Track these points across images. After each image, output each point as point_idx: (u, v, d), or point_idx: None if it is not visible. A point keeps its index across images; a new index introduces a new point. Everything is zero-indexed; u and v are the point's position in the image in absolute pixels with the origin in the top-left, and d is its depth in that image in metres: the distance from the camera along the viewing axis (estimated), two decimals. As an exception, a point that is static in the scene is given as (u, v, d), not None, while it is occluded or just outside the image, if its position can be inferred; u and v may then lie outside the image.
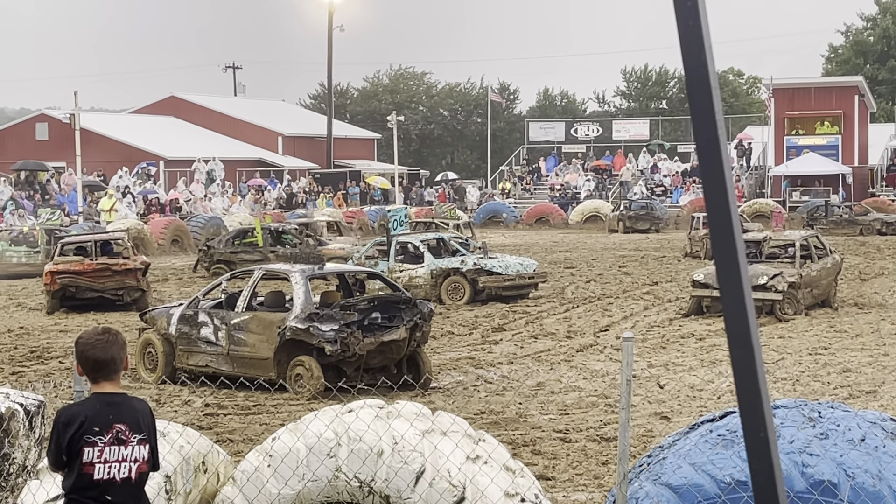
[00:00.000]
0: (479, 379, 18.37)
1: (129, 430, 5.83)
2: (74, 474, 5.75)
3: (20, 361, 20.63)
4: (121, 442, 5.79)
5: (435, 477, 7.71)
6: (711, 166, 1.75)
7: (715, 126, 1.74)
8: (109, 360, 5.85)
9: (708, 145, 1.75)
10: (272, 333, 17.27)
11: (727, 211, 1.75)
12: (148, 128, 76.73)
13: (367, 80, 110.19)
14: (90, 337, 5.88)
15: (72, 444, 5.71)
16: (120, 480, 5.78)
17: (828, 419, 6.83)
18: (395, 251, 29.27)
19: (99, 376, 5.85)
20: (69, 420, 5.76)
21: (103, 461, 5.74)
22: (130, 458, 5.81)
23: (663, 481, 6.79)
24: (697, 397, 16.52)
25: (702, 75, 1.72)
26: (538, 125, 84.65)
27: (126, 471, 5.79)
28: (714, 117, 1.73)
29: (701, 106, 1.74)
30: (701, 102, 1.74)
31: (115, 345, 5.89)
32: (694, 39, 1.73)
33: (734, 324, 1.84)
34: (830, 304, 26.26)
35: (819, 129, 69.93)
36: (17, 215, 48.01)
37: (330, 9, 78.06)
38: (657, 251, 44.27)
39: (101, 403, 5.83)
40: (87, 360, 5.84)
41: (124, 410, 5.88)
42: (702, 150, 1.78)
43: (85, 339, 5.88)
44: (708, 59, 1.73)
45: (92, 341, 5.85)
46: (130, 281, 28.01)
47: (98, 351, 5.83)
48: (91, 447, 5.72)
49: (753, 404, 1.86)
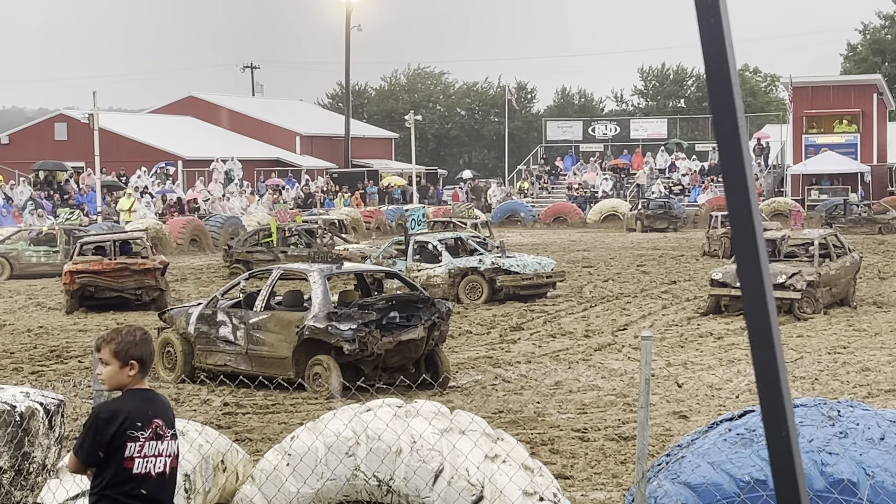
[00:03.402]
0: (498, 378, 18.37)
1: (165, 425, 5.97)
2: (112, 469, 5.81)
3: (39, 361, 20.68)
4: (158, 437, 5.91)
5: (453, 476, 7.71)
6: (733, 165, 1.75)
7: (736, 125, 1.73)
8: (149, 358, 6.03)
9: (729, 145, 1.75)
10: (290, 333, 17.29)
11: (748, 211, 1.75)
12: (166, 128, 76.88)
13: (385, 80, 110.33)
14: (132, 335, 5.95)
15: (114, 439, 5.78)
16: (155, 475, 5.87)
17: (847, 418, 6.81)
18: (413, 250, 29.28)
19: (141, 373, 5.97)
20: (111, 416, 5.83)
21: (143, 456, 5.85)
22: (166, 453, 5.93)
23: (682, 480, 6.78)
24: (716, 396, 16.49)
25: (723, 74, 1.72)
26: (556, 124, 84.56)
27: (161, 465, 5.91)
28: (735, 116, 1.73)
29: (722, 105, 1.74)
30: (722, 101, 1.73)
31: (150, 342, 6.10)
32: (715, 38, 1.73)
33: (755, 323, 1.83)
34: (849, 303, 26.19)
35: (837, 127, 69.72)
36: (37, 215, 48.12)
37: (347, 8, 78.10)
38: (675, 250, 44.20)
39: (139, 399, 5.94)
40: (132, 357, 5.91)
41: (159, 406, 6.04)
42: (723, 149, 1.77)
43: (128, 337, 5.94)
44: (729, 57, 1.72)
45: (137, 339, 5.95)
46: (149, 280, 28.07)
47: (141, 348, 5.95)
48: (133, 442, 5.82)
49: (775, 403, 1.86)
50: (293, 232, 38.55)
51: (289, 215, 46.02)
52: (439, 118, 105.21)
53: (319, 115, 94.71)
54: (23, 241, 38.05)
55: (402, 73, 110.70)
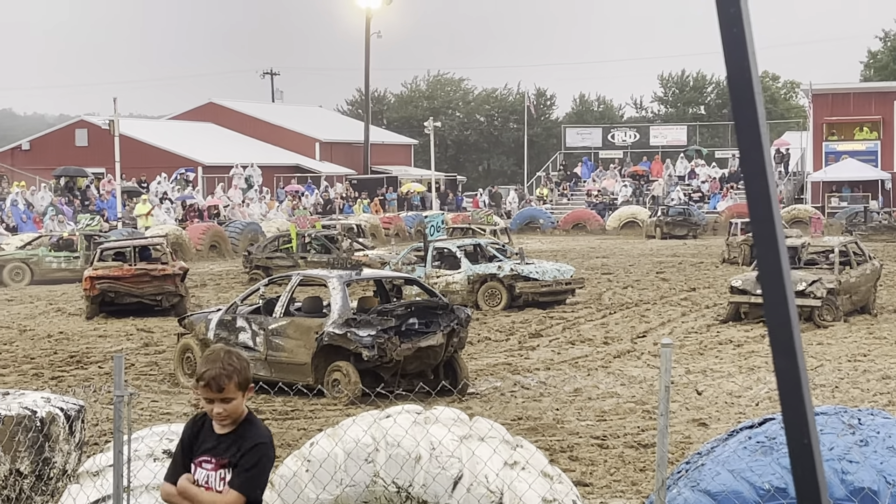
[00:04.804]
0: (517, 385, 18.36)
1: None
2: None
3: (60, 366, 20.75)
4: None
5: (473, 483, 7.71)
6: (755, 174, 1.75)
7: (759, 135, 1.74)
8: None
9: (751, 153, 1.76)
10: (310, 339, 17.31)
11: (770, 220, 1.75)
12: (186, 134, 77.10)
13: (405, 86, 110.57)
14: (240, 360, 5.71)
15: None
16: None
17: (867, 426, 6.79)
18: (433, 257, 29.30)
19: None
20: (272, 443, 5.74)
21: None
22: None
23: (702, 488, 6.77)
24: (735, 404, 16.46)
25: (746, 83, 1.73)
26: (575, 131, 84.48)
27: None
28: (758, 126, 1.73)
29: (744, 113, 1.75)
30: (744, 110, 1.74)
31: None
32: (738, 46, 1.74)
33: (777, 331, 1.84)
34: (869, 311, 26.11)
35: (858, 134, 69.51)
36: (57, 221, 48.31)
37: (367, 15, 78.19)
38: (694, 257, 44.12)
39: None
40: (249, 380, 5.74)
41: None
42: (745, 157, 1.78)
43: (240, 363, 5.67)
44: (752, 65, 1.73)
45: (245, 361, 5.75)
46: (169, 286, 28.14)
47: (249, 368, 5.77)
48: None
49: (797, 411, 1.86)
50: (313, 238, 38.63)
51: (309, 221, 46.10)
52: (458, 124, 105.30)
53: (339, 122, 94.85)
54: (43, 246, 38.19)
55: (421, 80, 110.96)
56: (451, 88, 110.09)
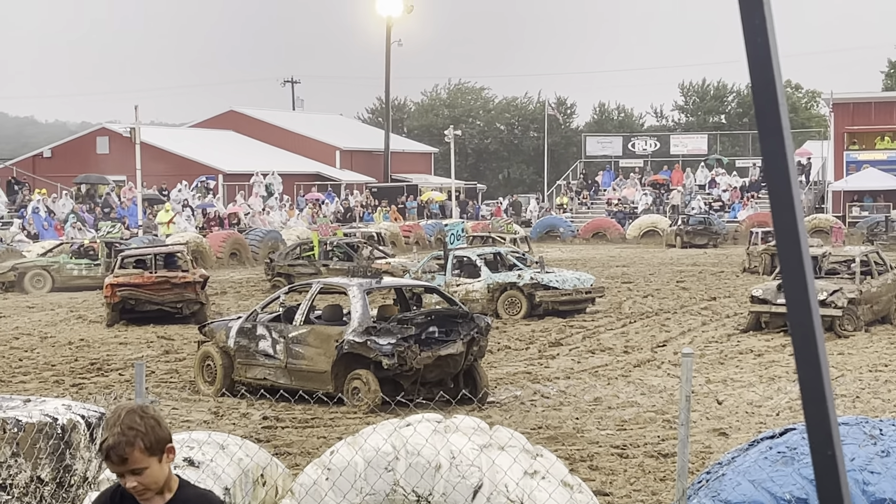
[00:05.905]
0: (537, 394, 18.34)
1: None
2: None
3: (80, 373, 20.81)
4: None
5: (493, 492, 7.71)
6: (779, 185, 1.75)
7: (783, 144, 1.74)
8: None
9: (776, 164, 1.75)
10: (330, 347, 17.32)
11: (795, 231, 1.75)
12: (207, 142, 77.32)
13: (425, 95, 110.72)
14: (146, 416, 4.36)
15: None
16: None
17: (889, 437, 6.77)
18: (452, 265, 29.31)
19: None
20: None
21: None
22: None
23: (722, 498, 6.75)
24: (756, 413, 16.41)
25: (770, 93, 1.72)
26: (595, 139, 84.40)
27: None
28: (782, 136, 1.73)
29: (769, 124, 1.74)
30: (769, 120, 1.74)
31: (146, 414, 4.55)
32: (762, 57, 1.74)
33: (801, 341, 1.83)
34: (891, 321, 26.01)
35: (879, 143, 69.33)
36: (78, 228, 48.48)
37: (388, 24, 78.35)
38: (715, 266, 44.03)
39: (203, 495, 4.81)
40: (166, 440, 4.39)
41: None
42: (769, 168, 1.78)
43: (147, 424, 4.32)
44: (776, 76, 1.73)
45: (155, 418, 4.40)
46: (189, 294, 28.20)
47: (164, 428, 4.42)
48: None
49: (821, 422, 1.85)
50: (335, 246, 38.69)
51: (330, 229, 46.20)
52: (479, 133, 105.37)
53: (359, 130, 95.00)
54: (64, 253, 38.33)
55: (442, 88, 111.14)
56: (471, 97, 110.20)
